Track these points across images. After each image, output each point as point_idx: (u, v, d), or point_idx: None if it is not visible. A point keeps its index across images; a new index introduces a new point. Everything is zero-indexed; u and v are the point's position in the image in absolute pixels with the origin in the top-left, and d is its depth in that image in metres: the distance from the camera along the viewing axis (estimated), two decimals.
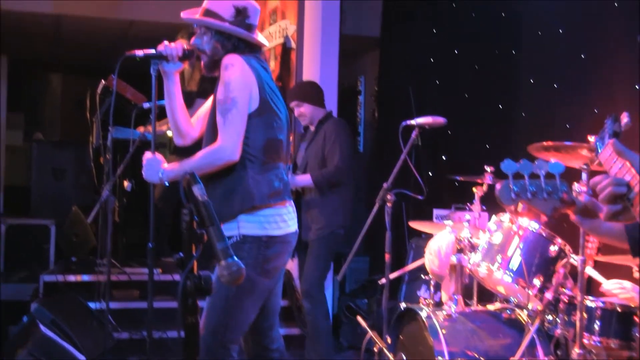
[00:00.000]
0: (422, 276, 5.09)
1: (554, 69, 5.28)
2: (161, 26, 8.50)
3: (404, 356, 4.33)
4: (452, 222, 4.68)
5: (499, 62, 5.91)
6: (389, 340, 4.37)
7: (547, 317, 3.99)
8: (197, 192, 2.25)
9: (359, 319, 4.81)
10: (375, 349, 4.46)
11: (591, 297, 3.81)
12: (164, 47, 3.52)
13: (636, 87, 4.36)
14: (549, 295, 3.94)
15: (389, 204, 4.37)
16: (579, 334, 3.68)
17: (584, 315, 3.70)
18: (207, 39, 3.59)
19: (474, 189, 4.71)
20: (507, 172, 2.36)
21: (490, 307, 4.40)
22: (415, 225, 5.20)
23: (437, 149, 6.46)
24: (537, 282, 3.96)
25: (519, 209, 3.77)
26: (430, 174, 6.40)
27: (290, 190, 3.69)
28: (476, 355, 4.06)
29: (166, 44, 3.53)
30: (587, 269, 3.97)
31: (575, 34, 5.07)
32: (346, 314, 6.61)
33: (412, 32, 7.07)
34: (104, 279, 4.99)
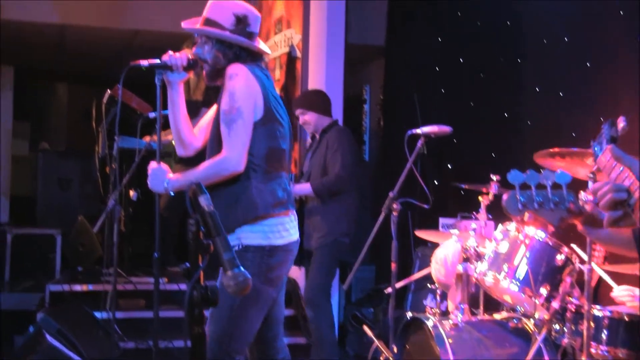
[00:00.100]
0: (429, 285, 5.08)
1: (559, 76, 5.27)
2: (166, 36, 8.51)
3: None
4: (458, 231, 4.67)
5: (504, 70, 5.91)
6: (395, 349, 4.36)
7: (554, 327, 3.98)
8: (204, 202, 2.25)
9: (365, 328, 4.80)
10: (381, 359, 4.44)
11: (598, 306, 3.80)
12: (169, 57, 3.52)
13: None
14: (555, 304, 3.92)
15: (395, 213, 4.37)
16: (586, 343, 3.67)
17: (591, 324, 3.69)
18: (208, 48, 3.58)
19: (480, 198, 4.70)
20: (513, 182, 2.35)
21: (496, 317, 4.39)
22: (421, 234, 5.19)
23: (443, 158, 6.45)
24: (543, 291, 3.94)
25: (526, 218, 3.77)
26: (435, 182, 6.40)
27: (293, 199, 3.69)
28: None
29: (171, 53, 3.53)
30: (598, 271, 3.96)
31: (580, 41, 5.07)
32: (352, 323, 6.59)
33: (417, 40, 7.07)
34: (110, 288, 4.99)
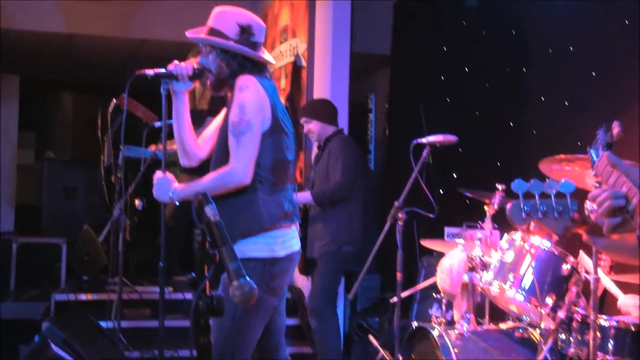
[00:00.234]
0: (434, 295, 5.06)
1: (565, 86, 5.27)
2: (172, 45, 8.53)
3: None
4: (463, 240, 4.66)
5: (510, 80, 5.91)
6: (401, 359, 4.35)
7: (560, 336, 3.96)
8: (210, 212, 2.25)
9: (371, 337, 4.79)
10: None
11: (605, 316, 3.79)
12: (174, 66, 3.52)
13: None
14: (561, 314, 3.91)
15: (400, 222, 4.37)
16: (592, 353, 3.65)
17: (598, 334, 3.68)
18: (212, 58, 3.58)
19: (486, 207, 4.69)
20: (517, 191, 2.35)
21: (502, 326, 4.37)
22: (426, 243, 5.18)
23: (448, 167, 6.45)
24: (549, 300, 3.93)
25: (531, 228, 3.77)
26: (441, 191, 6.39)
27: (298, 211, 3.69)
28: None
29: (176, 63, 3.53)
30: (605, 281, 3.95)
31: (585, 51, 5.06)
32: (357, 333, 6.58)
33: (422, 50, 7.08)
34: (115, 297, 5.00)
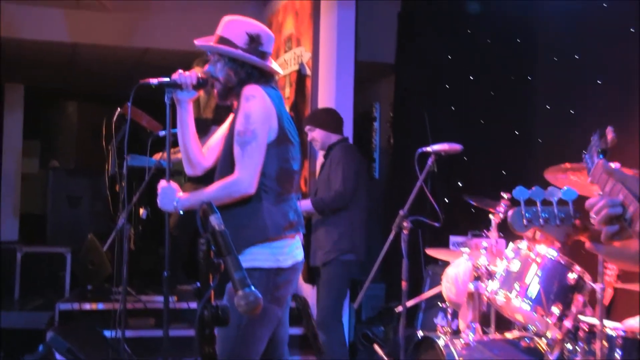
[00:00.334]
0: (439, 304, 5.05)
1: (570, 94, 5.26)
2: (175, 54, 8.56)
3: None
4: (469, 249, 4.65)
5: (515, 88, 5.90)
6: None
7: (567, 346, 3.95)
8: (214, 221, 2.25)
9: (376, 347, 4.79)
10: None
11: (612, 323, 3.77)
12: (179, 75, 3.51)
13: None
14: (568, 323, 3.90)
15: (405, 231, 4.36)
16: None
17: (605, 344, 3.66)
18: (220, 66, 3.57)
19: (491, 216, 4.68)
20: (518, 198, 2.36)
21: (508, 336, 4.36)
22: (431, 252, 5.18)
23: (453, 175, 6.44)
24: (555, 310, 3.92)
25: (537, 237, 3.76)
26: (446, 200, 6.38)
27: (303, 221, 3.68)
28: None
29: (180, 72, 3.53)
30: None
31: (591, 59, 5.06)
32: (363, 342, 6.57)
33: (427, 58, 7.08)
34: (120, 307, 4.99)
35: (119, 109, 5.75)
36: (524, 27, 5.85)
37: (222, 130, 3.73)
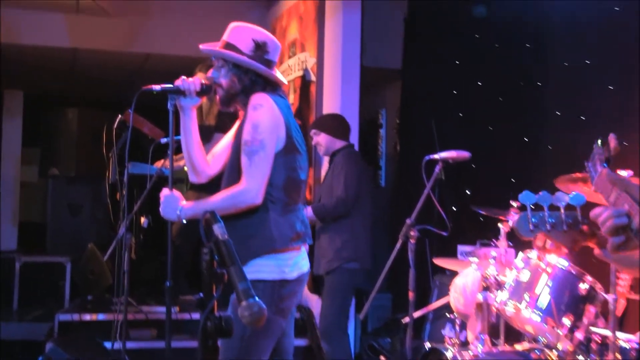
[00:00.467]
0: (447, 315, 5.05)
1: (581, 100, 5.25)
2: (177, 59, 8.59)
3: None
4: (477, 259, 4.65)
5: (524, 94, 5.90)
6: None
7: (579, 358, 3.94)
8: (218, 230, 2.25)
9: (382, 359, 4.77)
10: None
11: (625, 337, 3.76)
12: (182, 81, 3.50)
13: None
14: (579, 335, 3.89)
15: (412, 240, 4.36)
16: None
17: (618, 356, 3.65)
18: (224, 72, 3.57)
19: (500, 225, 4.68)
20: (525, 203, 2.35)
21: (518, 347, 4.35)
22: (439, 262, 5.17)
23: (461, 183, 6.43)
24: (567, 321, 3.91)
25: (547, 246, 3.75)
26: (454, 209, 6.37)
27: (311, 232, 3.67)
28: None
29: (184, 78, 3.53)
30: None
31: (602, 64, 5.05)
32: (369, 354, 6.56)
33: (434, 63, 7.07)
34: (121, 317, 4.98)
35: (120, 116, 5.77)
36: (533, 32, 5.85)
37: (228, 138, 3.73)
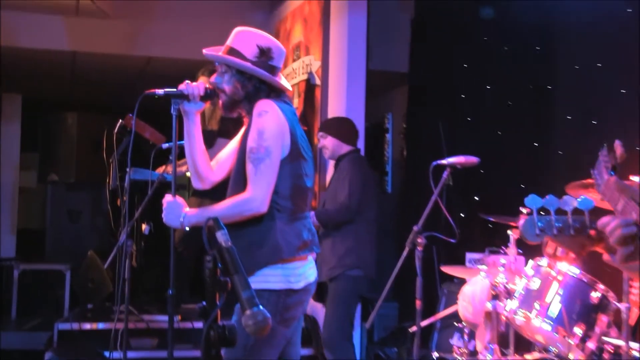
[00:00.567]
0: (455, 324, 5.04)
1: (592, 104, 5.25)
2: (179, 63, 8.60)
3: None
4: (486, 267, 4.64)
5: (534, 98, 5.90)
6: None
7: None
8: (221, 238, 2.25)
9: None
10: None
11: (638, 347, 3.75)
12: (185, 85, 3.51)
13: None
14: (591, 344, 3.88)
15: (419, 248, 4.35)
16: None
17: None
18: (228, 78, 3.56)
19: (509, 231, 4.67)
20: (531, 207, 2.35)
21: (528, 357, 4.34)
22: (447, 269, 5.17)
23: (470, 189, 6.43)
24: (578, 330, 3.90)
25: (558, 253, 3.74)
26: (462, 215, 6.37)
27: (318, 241, 3.67)
28: None
29: (188, 82, 3.53)
30: None
31: (613, 68, 5.05)
32: None
33: (441, 66, 7.07)
34: (121, 327, 4.98)
35: (120, 120, 5.77)
36: (543, 34, 5.85)
37: (233, 144, 3.73)
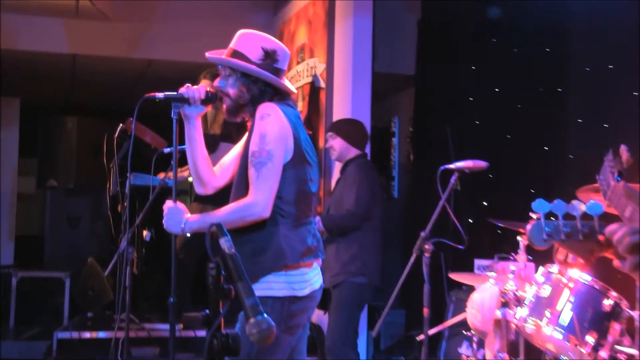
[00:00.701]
0: (464, 332, 5.04)
1: (604, 107, 5.25)
2: (181, 66, 8.60)
3: None
4: (495, 274, 4.64)
5: (544, 100, 5.89)
6: None
7: None
8: (224, 244, 2.25)
9: None
10: None
11: None
12: (186, 89, 3.51)
13: None
14: (604, 354, 3.86)
15: (427, 254, 4.34)
16: None
17: None
18: (232, 81, 3.56)
19: (519, 237, 4.67)
20: (538, 211, 2.34)
21: None
22: (455, 276, 5.16)
23: (478, 194, 6.42)
24: (590, 339, 3.88)
25: (569, 260, 3.74)
26: (470, 221, 6.36)
27: (323, 247, 3.67)
28: None
29: (188, 86, 3.53)
30: None
31: (626, 69, 5.04)
32: None
33: (449, 69, 7.07)
34: (122, 335, 4.99)
35: (121, 125, 5.78)
36: (553, 35, 5.85)
37: (237, 148, 3.73)
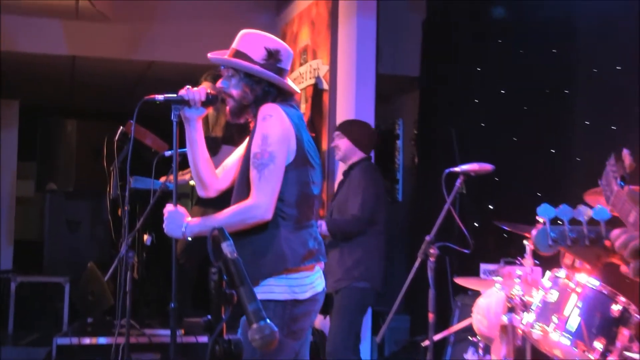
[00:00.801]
0: (470, 337, 5.03)
1: (612, 109, 5.24)
2: (182, 67, 8.61)
3: None
4: (501, 278, 4.63)
5: (551, 102, 5.89)
6: None
7: None
8: (227, 249, 2.25)
9: None
10: None
11: None
12: (186, 91, 3.50)
13: None
14: (612, 359, 3.86)
15: (432, 259, 4.34)
16: None
17: None
18: (235, 82, 3.56)
19: (525, 241, 4.66)
20: (543, 217, 2.34)
21: None
22: (460, 281, 5.15)
23: (484, 198, 6.42)
24: (598, 345, 3.88)
25: (576, 264, 3.73)
26: (476, 225, 6.36)
27: (325, 250, 3.66)
28: None
29: (188, 87, 3.52)
30: None
31: (634, 71, 5.04)
32: None
33: (454, 70, 7.06)
34: (122, 341, 4.99)
35: (121, 127, 5.78)
36: (560, 36, 5.84)
37: (239, 151, 3.73)
